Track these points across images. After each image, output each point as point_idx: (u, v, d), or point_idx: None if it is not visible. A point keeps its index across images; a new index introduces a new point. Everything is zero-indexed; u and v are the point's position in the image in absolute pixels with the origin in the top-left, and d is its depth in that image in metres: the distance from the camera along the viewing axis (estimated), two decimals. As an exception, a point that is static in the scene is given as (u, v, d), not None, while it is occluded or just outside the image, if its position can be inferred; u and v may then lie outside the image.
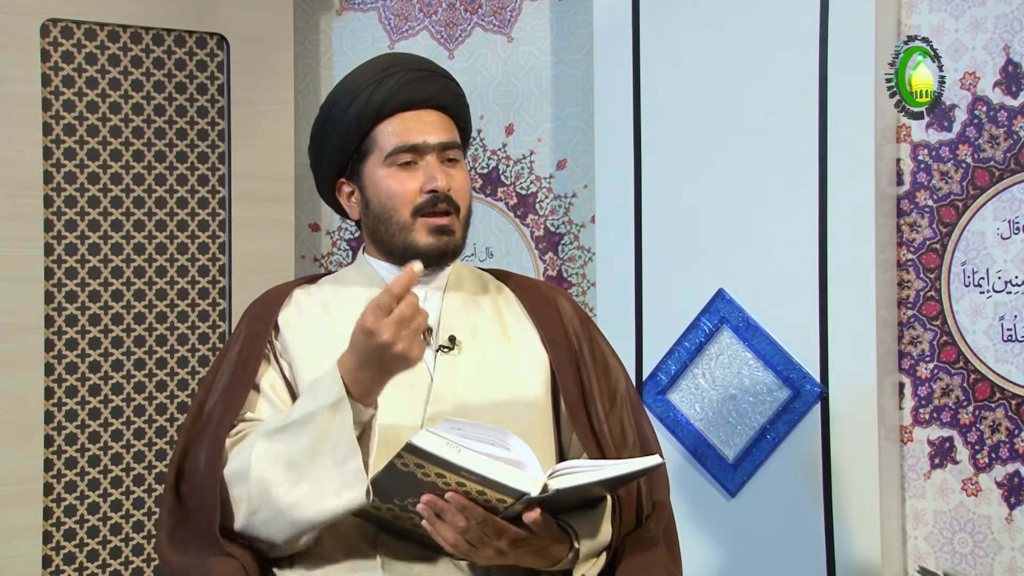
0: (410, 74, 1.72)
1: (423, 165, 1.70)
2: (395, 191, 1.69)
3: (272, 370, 1.70)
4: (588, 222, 3.05)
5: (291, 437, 1.55)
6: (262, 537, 1.59)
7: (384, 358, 1.50)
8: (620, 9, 2.73)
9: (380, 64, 1.75)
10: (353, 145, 1.72)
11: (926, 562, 2.54)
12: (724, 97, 2.60)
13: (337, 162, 1.75)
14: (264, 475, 1.55)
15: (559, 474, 1.45)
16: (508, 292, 1.83)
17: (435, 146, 1.70)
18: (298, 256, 3.16)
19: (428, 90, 1.72)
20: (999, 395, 2.46)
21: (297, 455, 1.54)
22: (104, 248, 2.79)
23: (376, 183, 1.71)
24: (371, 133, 1.71)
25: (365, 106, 1.70)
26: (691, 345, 2.64)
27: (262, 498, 1.55)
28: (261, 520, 1.57)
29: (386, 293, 1.48)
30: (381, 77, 1.71)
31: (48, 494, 2.70)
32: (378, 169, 1.71)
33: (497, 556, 1.48)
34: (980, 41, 2.48)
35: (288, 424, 1.56)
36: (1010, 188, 2.45)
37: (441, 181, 1.68)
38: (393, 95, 1.70)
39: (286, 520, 1.55)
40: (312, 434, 1.53)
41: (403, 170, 1.69)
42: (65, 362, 2.73)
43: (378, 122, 1.70)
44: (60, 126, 2.73)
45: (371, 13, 3.23)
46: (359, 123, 1.71)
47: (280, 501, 1.54)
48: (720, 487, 2.61)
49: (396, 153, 1.69)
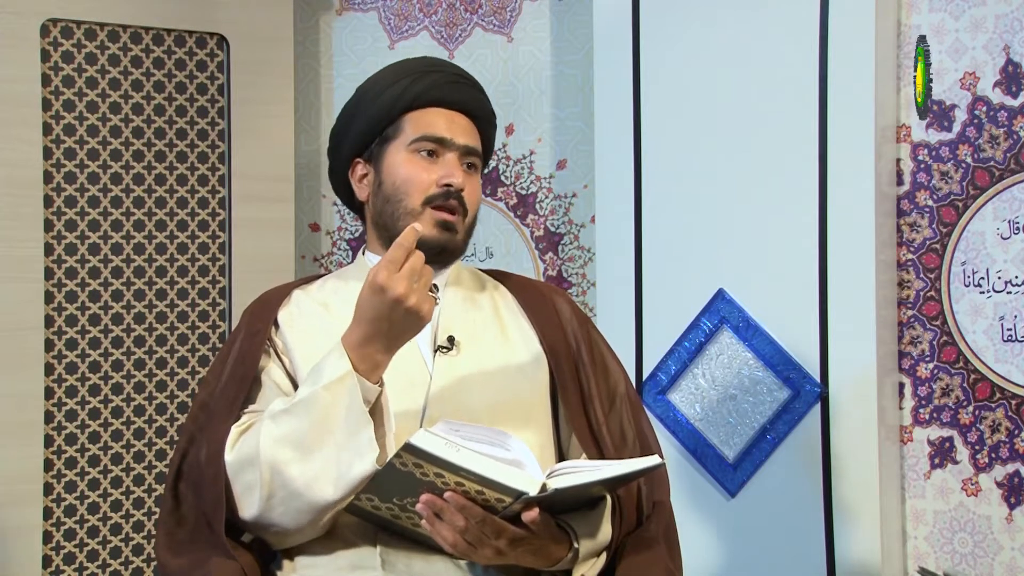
0: (450, 76, 1.78)
1: (443, 161, 1.73)
2: (412, 176, 1.72)
3: (274, 364, 1.70)
4: (588, 222, 3.05)
5: (298, 417, 1.54)
6: (278, 524, 1.57)
7: (395, 316, 1.49)
8: (620, 9, 2.73)
9: (424, 63, 1.80)
10: (380, 128, 1.76)
11: (926, 562, 2.54)
12: (724, 97, 2.60)
13: (360, 142, 1.78)
14: (275, 456, 1.53)
15: (558, 474, 1.45)
16: (507, 293, 1.84)
17: (459, 146, 1.74)
18: (298, 256, 3.16)
19: (464, 95, 1.78)
20: (999, 395, 2.46)
21: (306, 433, 1.53)
22: (104, 248, 2.79)
23: (394, 166, 1.73)
24: (400, 120, 1.75)
25: (401, 94, 1.74)
26: (691, 345, 2.64)
27: (276, 480, 1.53)
28: (278, 503, 1.55)
29: (397, 247, 1.49)
30: (422, 73, 1.76)
31: (48, 494, 2.70)
32: (400, 153, 1.74)
33: (496, 556, 1.48)
34: (980, 41, 2.48)
35: (294, 404, 1.55)
36: (1010, 188, 2.45)
37: (458, 179, 1.71)
38: (430, 90, 1.75)
39: (304, 500, 1.53)
40: (320, 411, 1.52)
41: (424, 159, 1.73)
42: (65, 362, 2.73)
43: (410, 111, 1.75)
44: (60, 126, 2.73)
45: (371, 13, 3.23)
46: (391, 109, 1.75)
47: (295, 481, 1.53)
48: (720, 487, 2.61)
49: (421, 140, 1.73)
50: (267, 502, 1.55)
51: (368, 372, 1.52)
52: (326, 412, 1.52)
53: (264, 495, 1.54)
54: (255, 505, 1.56)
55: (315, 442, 1.52)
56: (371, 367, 1.52)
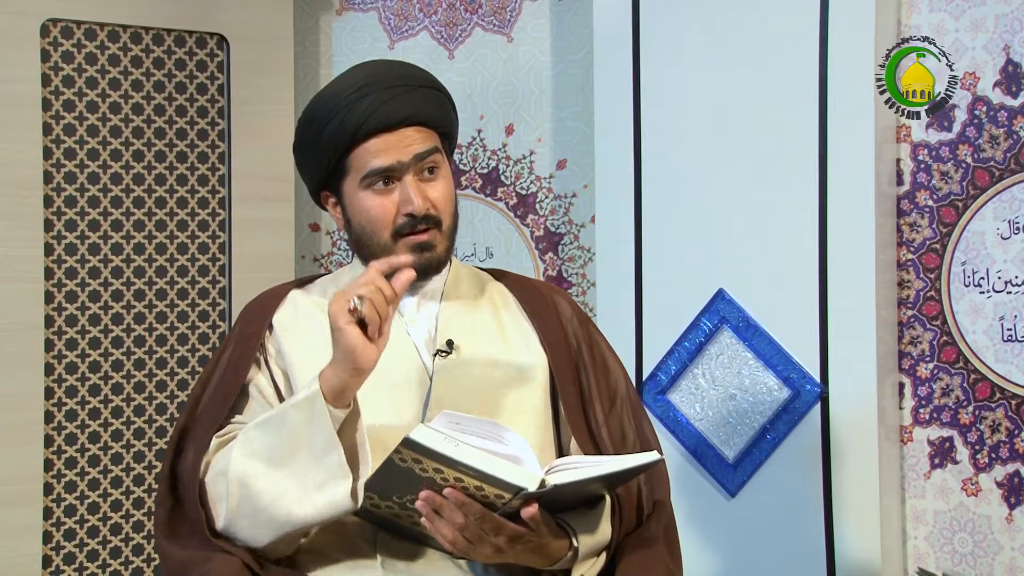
0: (385, 93, 1.65)
1: (399, 185, 1.66)
2: (374, 215, 1.66)
3: (262, 375, 1.70)
4: (588, 222, 3.05)
5: (268, 433, 1.55)
6: (244, 538, 1.57)
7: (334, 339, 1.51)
8: (620, 9, 2.73)
9: (355, 81, 1.68)
10: (332, 164, 1.69)
11: (926, 562, 2.54)
12: (724, 97, 2.60)
13: (317, 178, 1.73)
14: (243, 469, 1.55)
15: (557, 470, 1.45)
16: (507, 293, 1.83)
17: (410, 162, 1.65)
18: (298, 256, 3.16)
19: (405, 109, 1.66)
20: (999, 395, 2.46)
21: (276, 450, 1.54)
22: (104, 248, 2.79)
23: (355, 204, 1.68)
24: (348, 154, 1.67)
25: (340, 129, 1.65)
26: (691, 345, 2.64)
27: (242, 492, 1.54)
28: (242, 516, 1.55)
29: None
30: (355, 99, 1.65)
31: (48, 494, 2.70)
32: (356, 192, 1.67)
33: (495, 554, 1.48)
34: (980, 41, 2.48)
35: (267, 420, 1.57)
36: (1010, 188, 2.45)
37: (417, 203, 1.64)
38: (367, 119, 1.64)
39: (267, 516, 1.54)
40: (288, 429, 1.53)
41: (379, 193, 1.66)
42: (65, 362, 2.73)
43: (354, 145, 1.66)
44: (60, 126, 2.73)
45: (371, 13, 3.23)
46: (335, 146, 1.67)
47: (261, 497, 1.54)
48: (720, 487, 2.61)
49: (370, 176, 1.65)
50: (233, 513, 1.56)
51: (333, 396, 1.52)
52: (295, 430, 1.53)
53: (231, 506, 1.56)
54: (223, 516, 1.57)
55: (283, 458, 1.54)
56: (332, 389, 1.52)
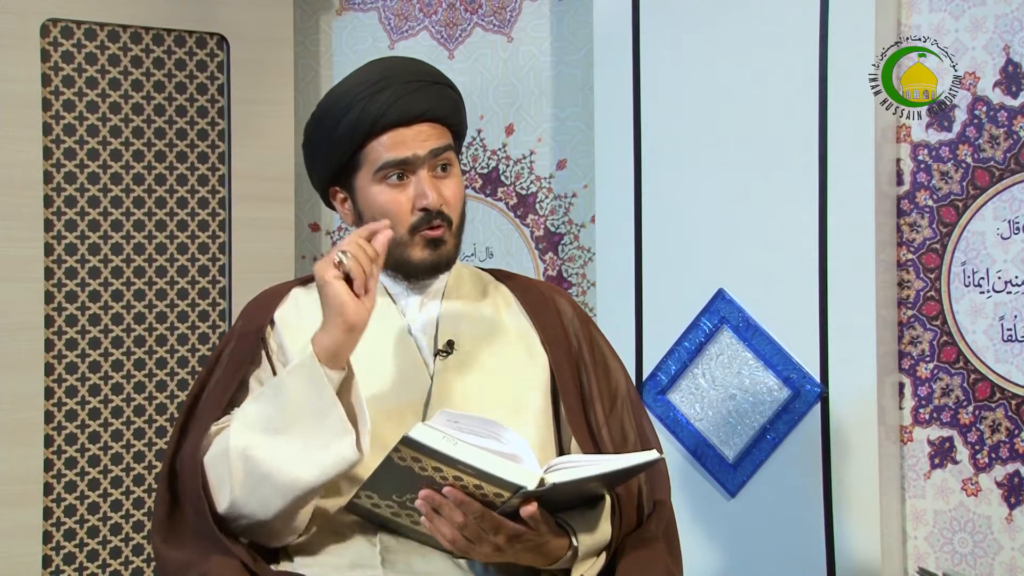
0: (403, 87, 1.67)
1: (415, 179, 1.67)
2: (389, 209, 1.66)
3: (263, 369, 1.70)
4: (588, 222, 3.05)
5: (265, 403, 1.56)
6: (252, 512, 1.56)
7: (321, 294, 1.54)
8: (620, 9, 2.73)
9: (373, 75, 1.69)
10: (345, 158, 1.69)
11: (926, 562, 2.54)
12: (724, 97, 2.60)
13: (328, 171, 1.73)
14: (244, 442, 1.55)
15: (556, 468, 1.45)
16: (508, 293, 1.83)
17: (425, 157, 1.67)
18: (298, 256, 3.16)
19: (422, 104, 1.67)
20: (999, 395, 2.46)
21: (275, 419, 1.54)
22: (104, 248, 2.79)
23: (368, 198, 1.69)
24: (363, 148, 1.68)
25: (357, 122, 1.66)
26: (691, 345, 2.64)
27: (246, 465, 1.54)
28: (248, 490, 1.55)
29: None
30: (373, 91, 1.66)
31: (48, 494, 2.70)
32: (370, 185, 1.68)
33: (495, 552, 1.48)
34: (980, 41, 2.48)
35: (261, 392, 1.58)
36: (1010, 188, 2.45)
37: (432, 197, 1.65)
38: (386, 112, 1.65)
39: (273, 484, 1.53)
40: (285, 396, 1.54)
41: (393, 187, 1.67)
42: (65, 362, 2.73)
43: (370, 138, 1.67)
44: (60, 126, 2.73)
45: (371, 13, 3.23)
46: (351, 139, 1.67)
47: (264, 464, 1.53)
48: (720, 487, 2.61)
49: (386, 168, 1.66)
50: (238, 490, 1.55)
51: (326, 358, 1.53)
52: (291, 396, 1.54)
53: (236, 481, 1.55)
54: (226, 496, 1.56)
55: (283, 425, 1.54)
56: (325, 351, 1.54)
